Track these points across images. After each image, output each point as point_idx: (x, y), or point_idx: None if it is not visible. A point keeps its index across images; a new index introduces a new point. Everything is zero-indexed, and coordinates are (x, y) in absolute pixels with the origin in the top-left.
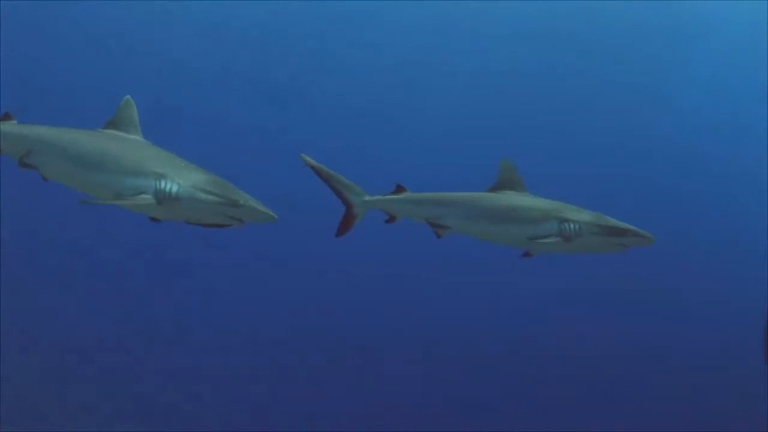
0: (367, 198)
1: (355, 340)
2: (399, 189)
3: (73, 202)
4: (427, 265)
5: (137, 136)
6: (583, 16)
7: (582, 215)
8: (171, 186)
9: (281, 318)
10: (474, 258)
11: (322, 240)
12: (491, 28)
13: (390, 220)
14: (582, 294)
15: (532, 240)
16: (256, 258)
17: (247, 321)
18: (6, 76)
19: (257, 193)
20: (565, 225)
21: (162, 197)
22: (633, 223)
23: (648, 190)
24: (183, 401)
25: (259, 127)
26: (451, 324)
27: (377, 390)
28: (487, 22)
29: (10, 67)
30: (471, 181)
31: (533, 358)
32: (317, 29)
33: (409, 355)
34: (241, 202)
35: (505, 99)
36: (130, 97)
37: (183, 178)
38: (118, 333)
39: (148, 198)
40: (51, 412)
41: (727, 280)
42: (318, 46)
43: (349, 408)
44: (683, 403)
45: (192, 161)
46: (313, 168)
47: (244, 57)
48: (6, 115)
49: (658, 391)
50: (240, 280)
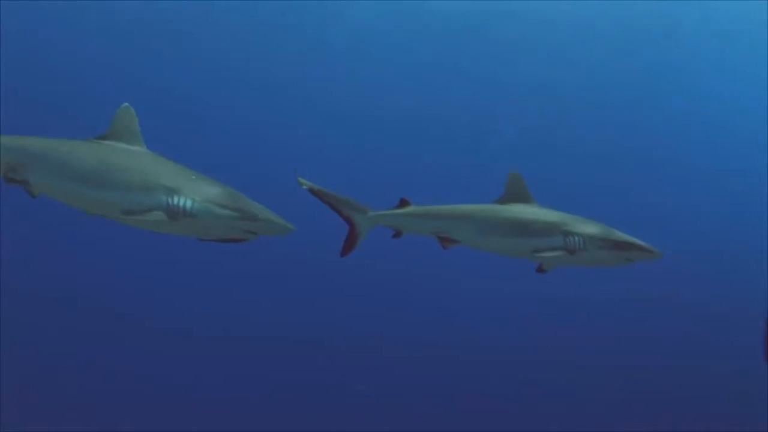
0: (371, 214)
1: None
2: (403, 203)
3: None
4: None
5: (140, 147)
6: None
7: (588, 228)
8: (184, 201)
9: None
10: (472, 263)
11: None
12: (500, 34)
13: (396, 234)
14: (582, 295)
15: (537, 253)
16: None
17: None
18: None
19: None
20: (571, 238)
21: (175, 213)
22: (639, 234)
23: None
24: (184, 401)
25: (258, 134)
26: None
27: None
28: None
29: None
30: (479, 190)
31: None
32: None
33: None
34: (259, 216)
35: (510, 106)
36: (128, 104)
37: (196, 192)
38: (119, 333)
39: (160, 215)
40: (51, 412)
41: (727, 280)
42: (322, 54)
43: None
44: (683, 403)
45: (199, 169)
46: (312, 190)
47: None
48: None
49: (658, 391)
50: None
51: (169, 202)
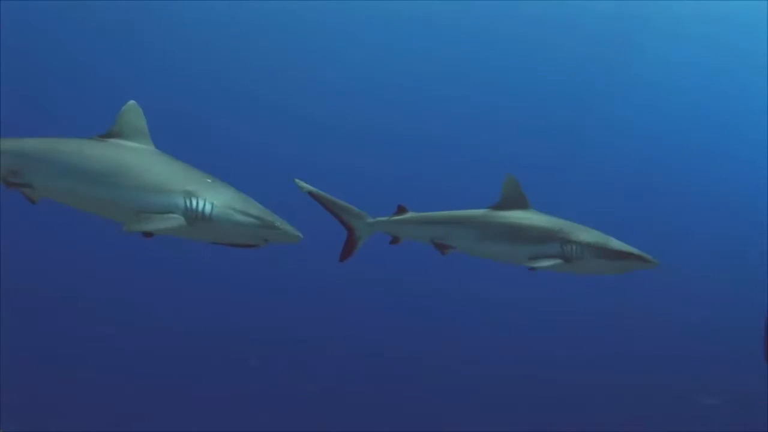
0: (369, 221)
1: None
2: (401, 209)
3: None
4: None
5: (150, 146)
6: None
7: (585, 236)
8: (204, 206)
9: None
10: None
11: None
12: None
13: (394, 241)
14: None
15: (534, 261)
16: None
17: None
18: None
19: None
20: (568, 246)
21: (193, 217)
22: (636, 242)
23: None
24: (184, 401)
25: (255, 141)
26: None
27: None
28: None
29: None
30: (476, 193)
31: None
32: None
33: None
34: (277, 224)
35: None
36: (135, 101)
37: (215, 197)
38: (119, 333)
39: (179, 219)
40: (52, 412)
41: (727, 280)
42: (312, 61)
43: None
44: (683, 403)
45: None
46: (310, 193)
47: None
48: None
49: (658, 392)
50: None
51: (188, 205)
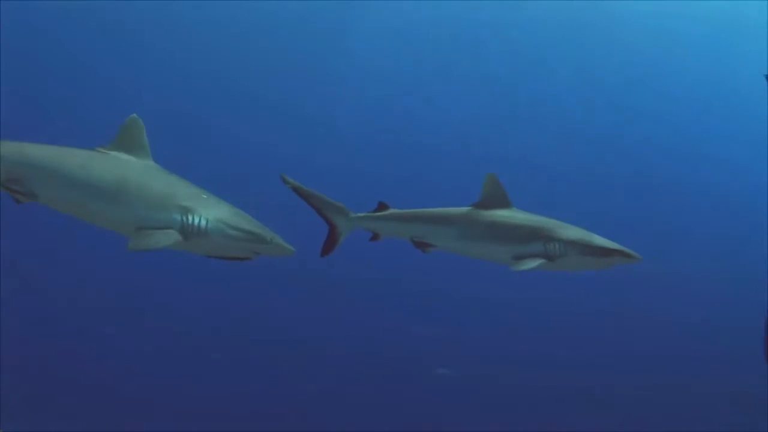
0: (351, 216)
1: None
2: (382, 206)
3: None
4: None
5: (148, 161)
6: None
7: (567, 234)
8: (199, 221)
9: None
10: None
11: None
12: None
13: (374, 238)
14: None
15: (518, 261)
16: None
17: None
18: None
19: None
20: (550, 245)
21: (189, 233)
22: (622, 237)
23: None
24: (185, 401)
25: (241, 138)
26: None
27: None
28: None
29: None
30: (456, 188)
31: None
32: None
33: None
34: (269, 238)
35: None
36: (136, 115)
37: (209, 212)
38: (119, 333)
39: (176, 235)
40: (52, 412)
41: (727, 279)
42: (298, 57)
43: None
44: (683, 403)
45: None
46: (294, 188)
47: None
48: None
49: (658, 392)
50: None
51: (184, 220)
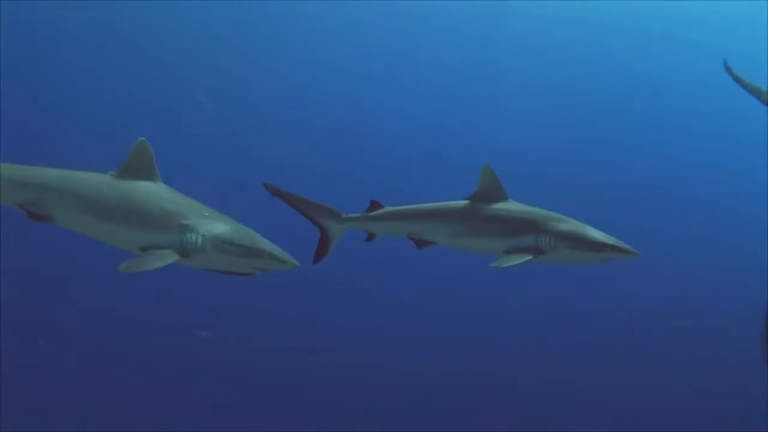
0: (342, 218)
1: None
2: (374, 205)
3: None
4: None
5: (157, 182)
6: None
7: (560, 227)
8: (196, 238)
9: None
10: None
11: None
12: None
13: (369, 238)
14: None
15: (506, 258)
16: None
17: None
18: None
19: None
20: (542, 238)
21: (187, 251)
22: (620, 232)
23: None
24: (186, 402)
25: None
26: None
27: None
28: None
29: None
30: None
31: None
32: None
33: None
34: (266, 253)
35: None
36: (144, 139)
37: (207, 230)
38: (119, 333)
39: (172, 256)
40: (51, 412)
41: (727, 279)
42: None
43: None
44: (683, 403)
45: (209, 202)
46: (280, 195)
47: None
48: None
49: (658, 392)
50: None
51: (183, 239)
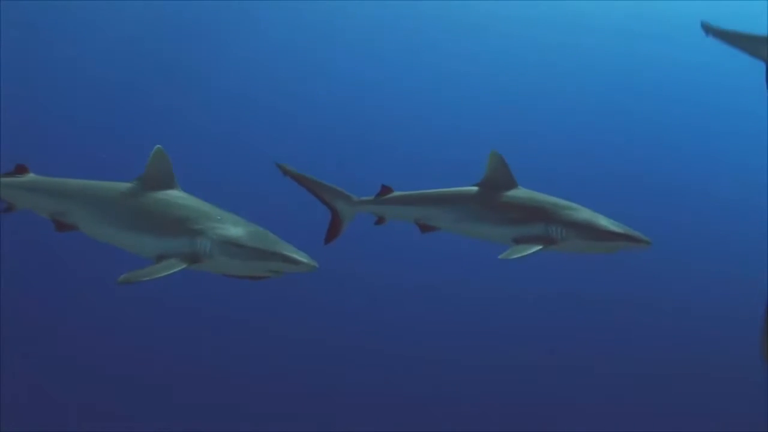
0: (354, 201)
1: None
2: (385, 190)
3: None
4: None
5: (173, 190)
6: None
7: (570, 215)
8: (205, 244)
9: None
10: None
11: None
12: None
13: (379, 221)
14: (579, 291)
15: (518, 242)
16: None
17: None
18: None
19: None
20: (552, 228)
21: (197, 257)
22: (631, 222)
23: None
24: (186, 402)
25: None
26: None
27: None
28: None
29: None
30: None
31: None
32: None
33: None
34: (276, 255)
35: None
36: (161, 147)
37: (217, 234)
38: (120, 332)
39: (178, 264)
40: (52, 412)
41: (727, 278)
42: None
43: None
44: (683, 403)
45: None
46: (292, 176)
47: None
48: (19, 168)
49: (658, 391)
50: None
51: (193, 246)
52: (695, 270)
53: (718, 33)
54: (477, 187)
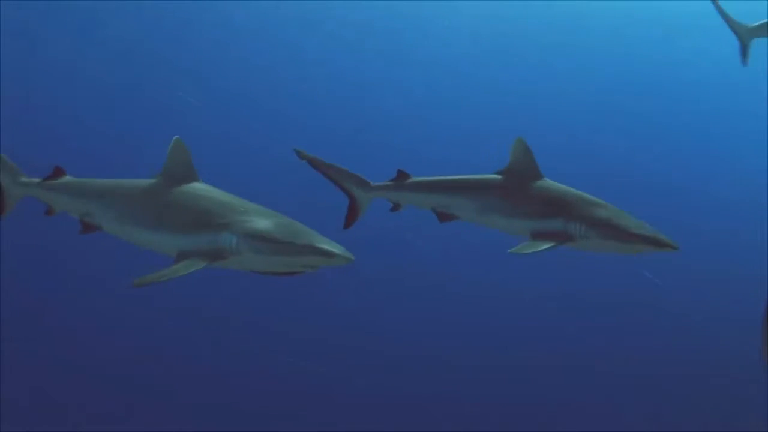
0: (371, 186)
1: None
2: (401, 175)
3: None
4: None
5: (195, 182)
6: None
7: (593, 212)
8: (231, 239)
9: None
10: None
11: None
12: None
13: (395, 208)
14: (579, 292)
15: (535, 236)
16: None
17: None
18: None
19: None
20: (572, 224)
21: (222, 253)
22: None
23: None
24: (187, 401)
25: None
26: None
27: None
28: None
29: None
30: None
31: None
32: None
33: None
34: (306, 248)
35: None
36: (179, 137)
37: (243, 228)
38: (120, 333)
39: (197, 263)
40: (52, 412)
41: (727, 278)
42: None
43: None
44: (683, 403)
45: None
46: (310, 161)
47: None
48: (57, 171)
49: (658, 391)
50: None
51: (217, 241)
52: (695, 270)
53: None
54: (499, 176)
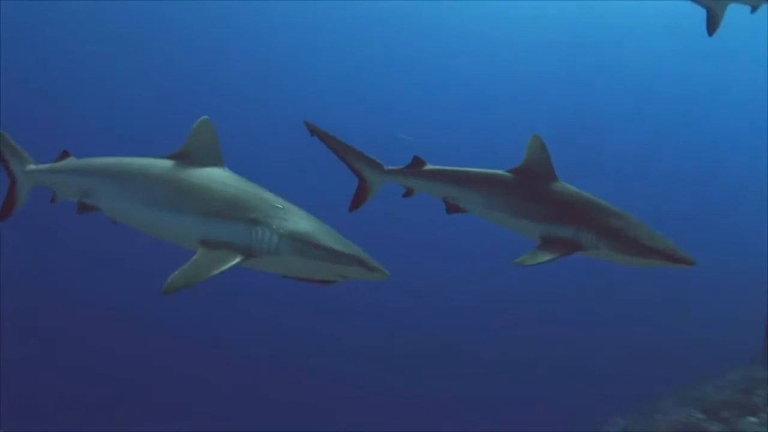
0: (384, 170)
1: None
2: (417, 162)
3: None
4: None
5: (220, 168)
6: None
7: (608, 222)
8: (270, 237)
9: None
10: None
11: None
12: None
13: (407, 194)
14: (581, 291)
15: (544, 241)
16: None
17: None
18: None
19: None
20: (584, 233)
21: (258, 250)
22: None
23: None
24: (187, 401)
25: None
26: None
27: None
28: None
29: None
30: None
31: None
32: None
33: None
34: (353, 259)
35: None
36: (207, 117)
37: (284, 226)
38: (119, 333)
39: (235, 260)
40: (52, 412)
41: (727, 278)
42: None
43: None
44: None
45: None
46: (320, 136)
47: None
48: (64, 154)
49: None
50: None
51: (252, 235)
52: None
53: None
54: (512, 174)
